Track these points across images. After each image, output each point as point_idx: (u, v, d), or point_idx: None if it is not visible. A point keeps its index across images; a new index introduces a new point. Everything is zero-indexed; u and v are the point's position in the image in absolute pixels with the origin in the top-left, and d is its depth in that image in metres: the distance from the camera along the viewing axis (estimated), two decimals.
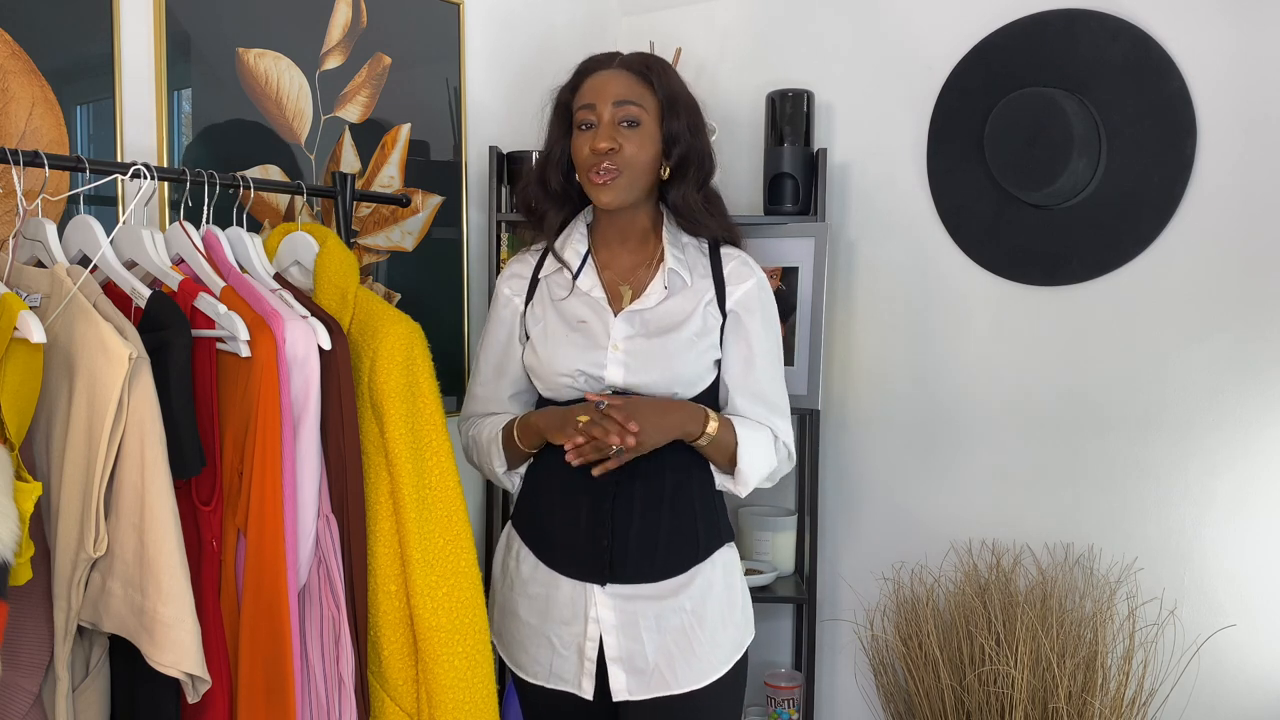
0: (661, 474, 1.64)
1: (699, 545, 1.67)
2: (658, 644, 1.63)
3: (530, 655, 1.70)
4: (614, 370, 1.63)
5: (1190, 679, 2.08)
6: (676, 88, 1.68)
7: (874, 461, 2.44)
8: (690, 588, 1.65)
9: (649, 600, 1.64)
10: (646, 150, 1.64)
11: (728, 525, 1.74)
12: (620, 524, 1.63)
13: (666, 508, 1.65)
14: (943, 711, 2.16)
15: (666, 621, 1.63)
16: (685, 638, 1.64)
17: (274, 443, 1.33)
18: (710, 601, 1.66)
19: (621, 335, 1.65)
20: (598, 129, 1.63)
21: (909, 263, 2.38)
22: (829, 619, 2.50)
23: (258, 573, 1.33)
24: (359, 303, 1.50)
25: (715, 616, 1.66)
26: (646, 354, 1.63)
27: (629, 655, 1.63)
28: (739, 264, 1.71)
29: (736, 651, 1.69)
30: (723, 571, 1.69)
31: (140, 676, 1.29)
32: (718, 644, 1.66)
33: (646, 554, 1.63)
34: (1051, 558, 2.22)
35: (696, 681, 1.64)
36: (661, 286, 1.67)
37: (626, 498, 1.63)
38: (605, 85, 1.64)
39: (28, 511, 1.14)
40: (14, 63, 1.56)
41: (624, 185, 1.63)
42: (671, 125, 1.65)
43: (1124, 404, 2.15)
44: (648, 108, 1.64)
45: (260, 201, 1.88)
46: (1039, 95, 2.11)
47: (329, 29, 2.02)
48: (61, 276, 1.29)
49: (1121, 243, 2.12)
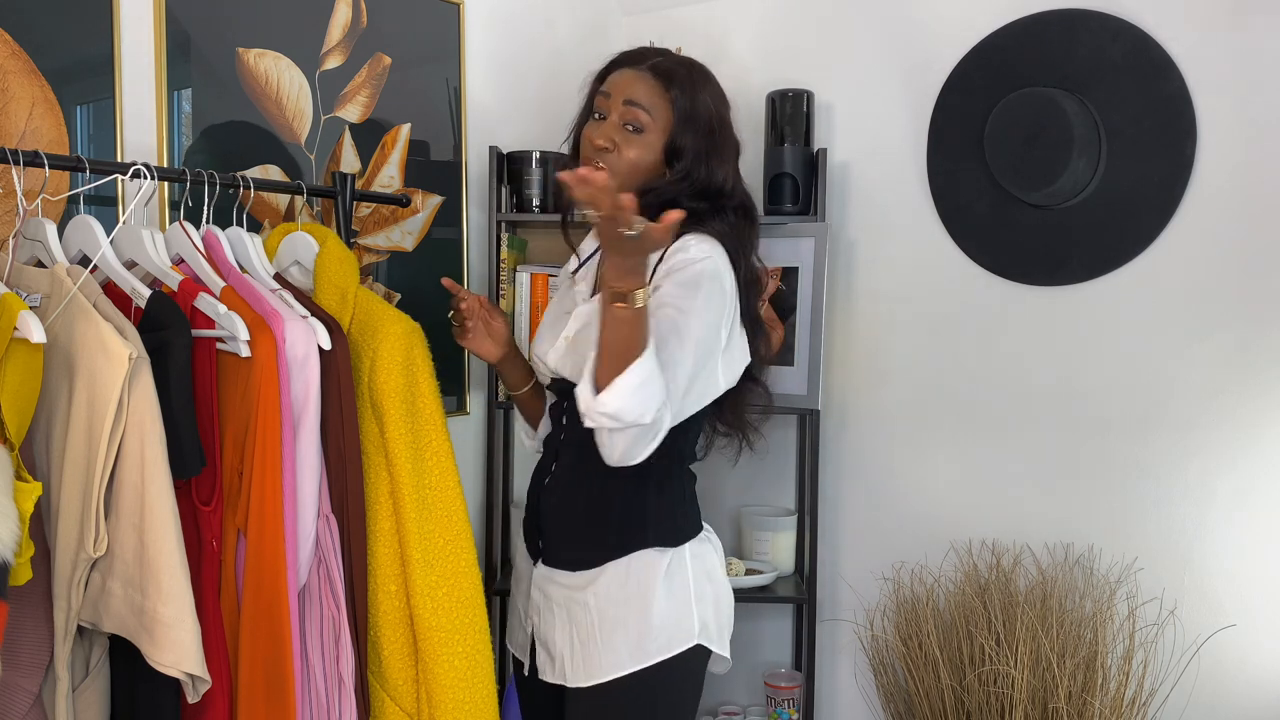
0: (587, 466, 1.55)
1: (607, 542, 1.61)
2: (565, 634, 1.64)
3: (510, 624, 1.80)
4: (553, 356, 1.68)
5: (1190, 679, 2.08)
6: (699, 109, 1.60)
7: (874, 461, 2.44)
8: (595, 585, 1.60)
9: (563, 589, 1.64)
10: (643, 159, 1.60)
11: (665, 528, 1.62)
12: (545, 505, 1.68)
13: (586, 500, 1.62)
14: (943, 711, 2.16)
15: (573, 614, 1.62)
16: (585, 633, 1.60)
17: (274, 443, 1.33)
18: (610, 603, 1.59)
19: (575, 328, 1.67)
20: (603, 123, 1.61)
21: (909, 263, 2.38)
22: (829, 619, 2.50)
23: (258, 573, 1.33)
24: (359, 303, 1.50)
25: (612, 619, 1.58)
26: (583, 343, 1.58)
27: (545, 639, 1.67)
28: (679, 243, 1.55)
29: (634, 661, 1.57)
30: (634, 574, 1.59)
31: (140, 676, 1.29)
32: (612, 648, 1.58)
33: (563, 542, 1.65)
34: (1051, 558, 2.22)
35: (589, 679, 1.59)
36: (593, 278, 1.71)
37: (551, 489, 1.68)
38: (625, 82, 1.61)
39: (28, 511, 1.14)
40: (14, 63, 1.56)
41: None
42: (681, 140, 1.59)
43: (1124, 404, 2.15)
44: (656, 117, 1.59)
45: (260, 201, 1.88)
46: (1039, 95, 2.11)
47: (329, 29, 2.02)
48: (61, 276, 1.29)
49: (1121, 243, 2.12)
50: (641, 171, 1.60)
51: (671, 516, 1.64)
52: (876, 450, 2.44)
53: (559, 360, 1.66)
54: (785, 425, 2.52)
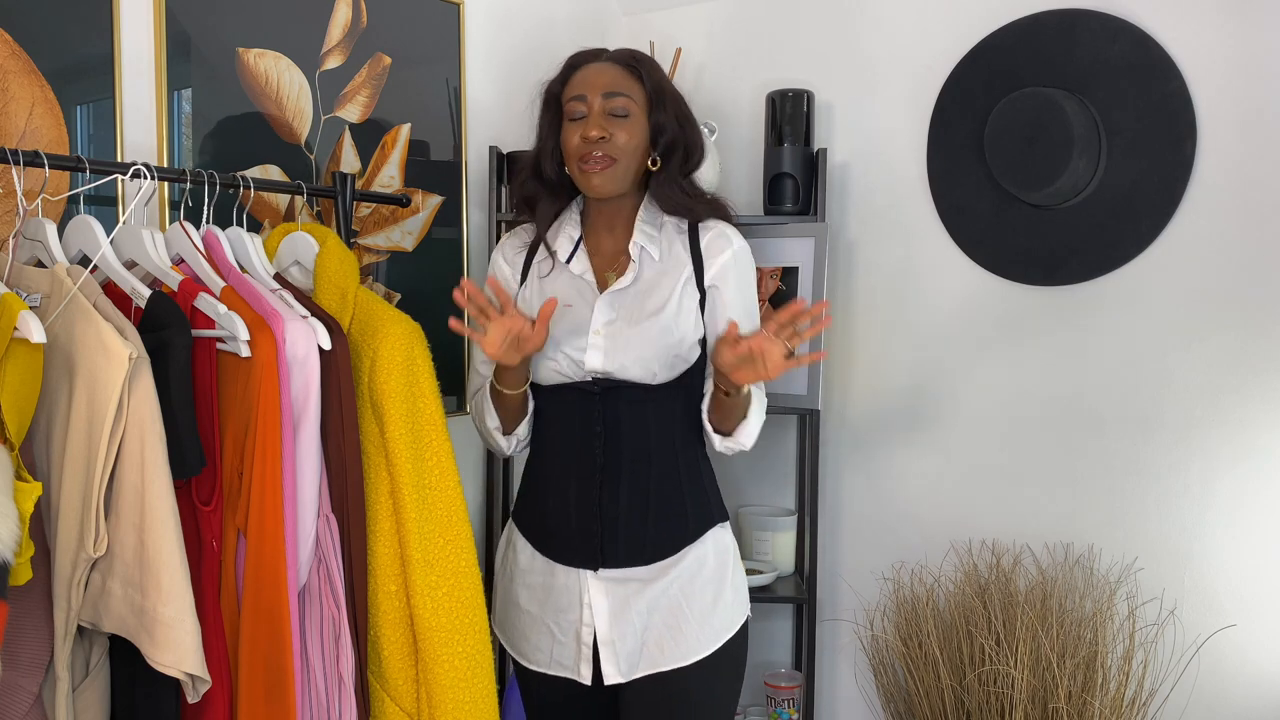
0: (647, 458, 1.67)
1: (688, 526, 1.69)
2: (647, 623, 1.66)
3: (532, 643, 1.73)
4: (593, 355, 1.66)
5: (1190, 679, 2.08)
6: (662, 81, 1.71)
7: (874, 461, 2.44)
8: (679, 567, 1.67)
9: (640, 582, 1.67)
10: (636, 138, 1.67)
11: (720, 507, 1.76)
12: (608, 511, 1.66)
13: (653, 492, 1.67)
14: (943, 711, 2.16)
15: (657, 601, 1.66)
16: (674, 616, 1.66)
17: (274, 443, 1.33)
18: (699, 581, 1.68)
19: (603, 320, 1.67)
20: (588, 118, 1.65)
21: (909, 263, 2.38)
22: (829, 619, 2.50)
23: (258, 573, 1.33)
24: (359, 303, 1.50)
25: (704, 596, 1.68)
26: (624, 339, 1.65)
27: (620, 637, 1.66)
28: (715, 235, 1.72)
29: (727, 630, 1.69)
30: (714, 551, 1.71)
31: (140, 676, 1.29)
32: (707, 623, 1.67)
33: (635, 538, 1.66)
34: (1051, 558, 2.22)
35: (684, 659, 1.66)
36: (634, 263, 1.70)
37: (613, 484, 1.66)
38: (595, 77, 1.67)
39: (28, 511, 1.14)
40: (14, 63, 1.56)
41: (617, 173, 1.66)
42: (658, 116, 1.69)
43: (1124, 404, 2.15)
44: (636, 99, 1.67)
45: (260, 201, 1.88)
46: (1039, 95, 2.11)
47: (329, 29, 2.02)
48: (61, 276, 1.29)
49: (1121, 243, 2.12)
50: (638, 152, 1.68)
51: (718, 494, 1.77)
52: (876, 450, 2.44)
53: (604, 359, 1.65)
54: (785, 425, 2.52)
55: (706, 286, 1.70)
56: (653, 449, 1.67)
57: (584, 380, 1.66)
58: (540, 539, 1.72)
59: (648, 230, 1.71)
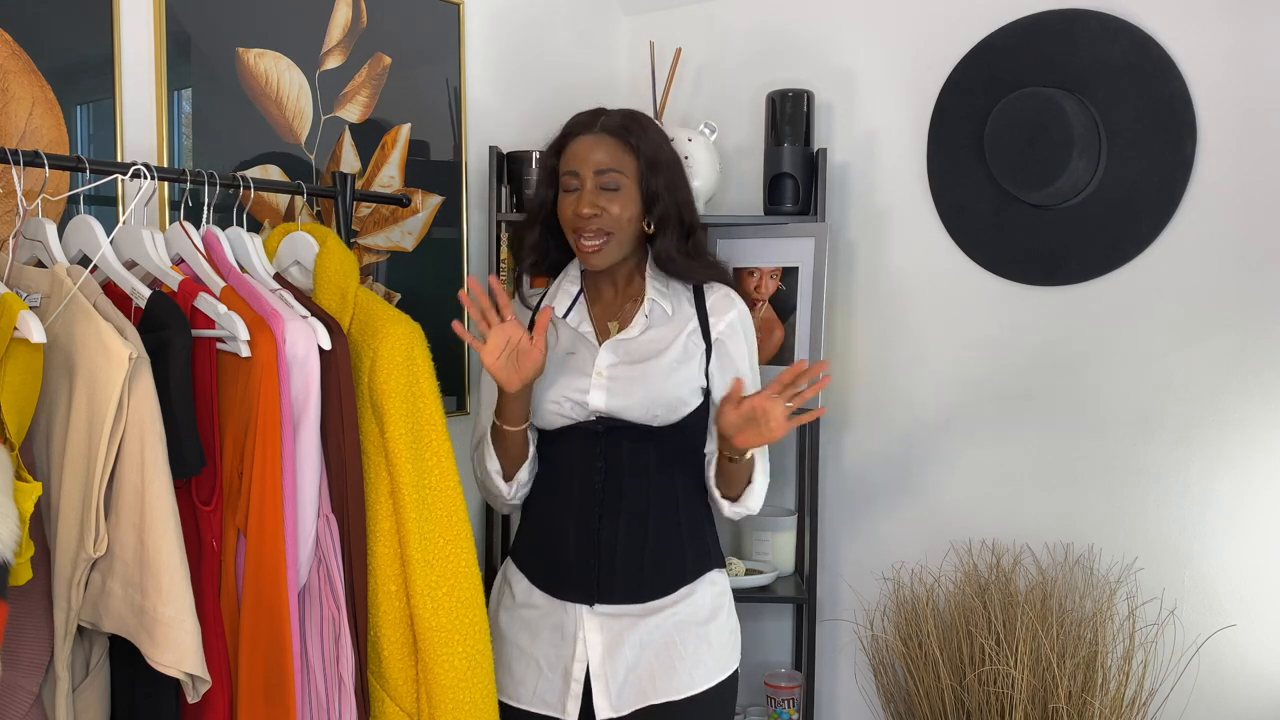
0: (646, 497, 1.69)
1: (685, 566, 1.72)
2: (639, 658, 1.67)
3: (515, 678, 1.72)
4: (596, 395, 1.68)
5: (1190, 679, 2.08)
6: (656, 147, 1.73)
7: (874, 461, 2.44)
8: (676, 605, 1.69)
9: (635, 617, 1.68)
10: (629, 209, 1.70)
11: (718, 551, 1.79)
12: (606, 547, 1.67)
13: (652, 531, 1.69)
14: (943, 711, 2.16)
15: (650, 636, 1.67)
16: (666, 653, 1.67)
17: (274, 443, 1.33)
18: (694, 621, 1.69)
19: (606, 363, 1.69)
20: (581, 194, 1.69)
21: (909, 263, 2.38)
22: (829, 619, 2.50)
23: (257, 573, 1.33)
24: (359, 303, 1.50)
25: (697, 636, 1.69)
26: (627, 379, 1.68)
27: (613, 671, 1.67)
28: (720, 297, 1.77)
29: (719, 672, 1.70)
30: (711, 594, 1.73)
31: (140, 676, 1.29)
32: (700, 662, 1.68)
33: (633, 576, 1.68)
34: (1051, 558, 2.22)
35: (675, 694, 1.66)
36: (644, 317, 1.73)
37: (611, 521, 1.67)
38: (588, 153, 1.69)
39: (28, 511, 1.14)
40: (14, 63, 1.56)
41: (613, 247, 1.70)
42: (651, 184, 1.70)
43: (1124, 404, 2.15)
44: (627, 172, 1.70)
45: (260, 201, 1.88)
46: (1039, 95, 2.11)
47: (329, 29, 2.02)
48: (61, 276, 1.29)
49: (1121, 243, 2.12)
50: (633, 222, 1.71)
51: (716, 539, 1.79)
52: (876, 450, 2.44)
53: (607, 399, 1.67)
54: None
55: (714, 339, 1.74)
56: (652, 488, 1.69)
57: (587, 420, 1.68)
58: (538, 573, 1.73)
59: (658, 287, 1.76)
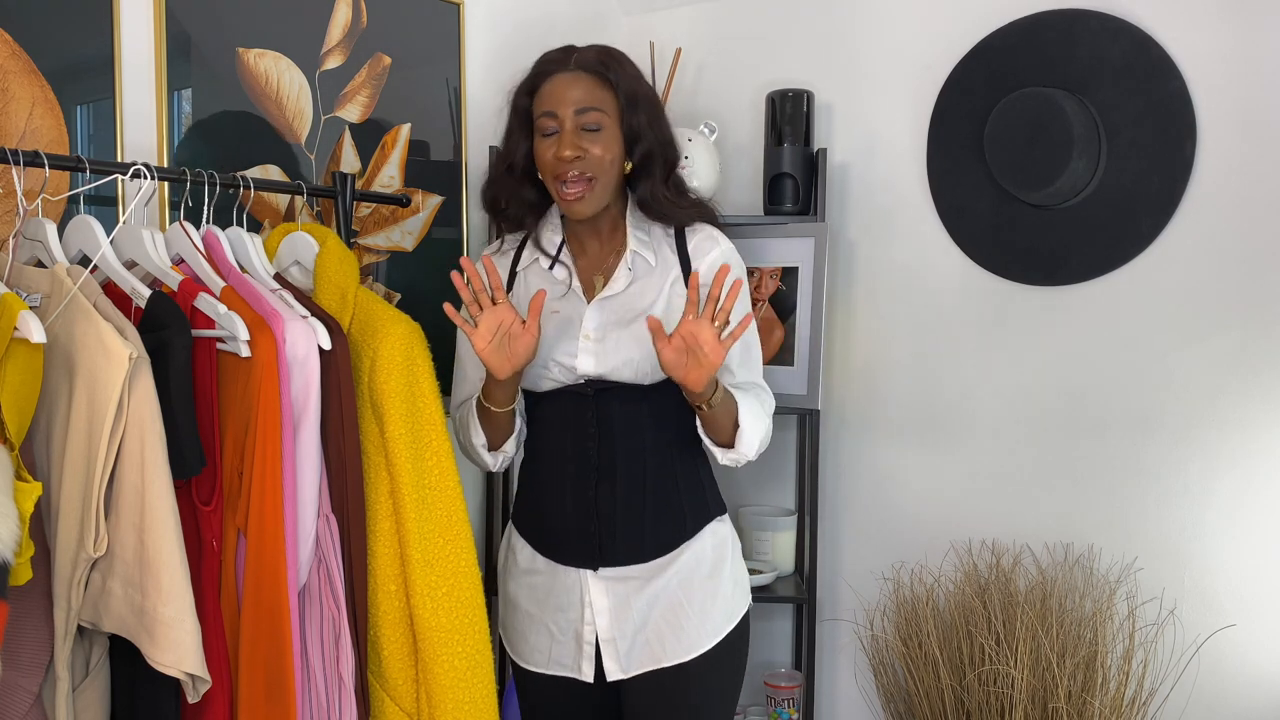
0: (642, 457, 1.68)
1: (685, 523, 1.70)
2: (647, 619, 1.67)
3: (530, 644, 1.74)
4: (585, 360, 1.66)
5: (1190, 679, 2.08)
6: (634, 82, 1.67)
7: (874, 461, 2.44)
8: (677, 563, 1.69)
9: (639, 580, 1.68)
10: (611, 150, 1.65)
11: (718, 500, 1.77)
12: (605, 510, 1.67)
13: (650, 489, 1.68)
14: (943, 711, 2.16)
15: (656, 598, 1.68)
16: (673, 613, 1.68)
17: (274, 443, 1.33)
18: (697, 576, 1.69)
19: (592, 325, 1.67)
20: (561, 137, 1.63)
21: (909, 263, 2.38)
22: (829, 619, 2.50)
23: (258, 573, 1.33)
24: (359, 303, 1.50)
25: (703, 591, 1.69)
26: (615, 341, 1.66)
27: (621, 634, 1.67)
28: (702, 238, 1.72)
29: (727, 623, 1.71)
30: (711, 545, 1.72)
31: (140, 676, 1.29)
32: (707, 617, 1.69)
33: (634, 536, 1.68)
34: (1051, 558, 2.22)
35: (685, 654, 1.67)
36: (626, 270, 1.70)
37: (609, 484, 1.67)
38: (565, 91, 1.64)
39: (28, 511, 1.14)
40: (14, 63, 1.56)
41: (596, 191, 1.65)
42: (632, 122, 1.66)
43: (1124, 404, 2.15)
44: (608, 110, 1.65)
45: (260, 201, 1.88)
46: (1039, 95, 2.11)
47: (329, 29, 2.02)
48: (61, 276, 1.29)
49: (1121, 243, 2.12)
50: (615, 164, 1.67)
51: (714, 488, 1.78)
52: (876, 450, 2.44)
53: (595, 362, 1.65)
54: (785, 425, 2.52)
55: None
56: (648, 447, 1.68)
57: (577, 383, 1.67)
58: (540, 540, 1.73)
59: (640, 236, 1.72)
